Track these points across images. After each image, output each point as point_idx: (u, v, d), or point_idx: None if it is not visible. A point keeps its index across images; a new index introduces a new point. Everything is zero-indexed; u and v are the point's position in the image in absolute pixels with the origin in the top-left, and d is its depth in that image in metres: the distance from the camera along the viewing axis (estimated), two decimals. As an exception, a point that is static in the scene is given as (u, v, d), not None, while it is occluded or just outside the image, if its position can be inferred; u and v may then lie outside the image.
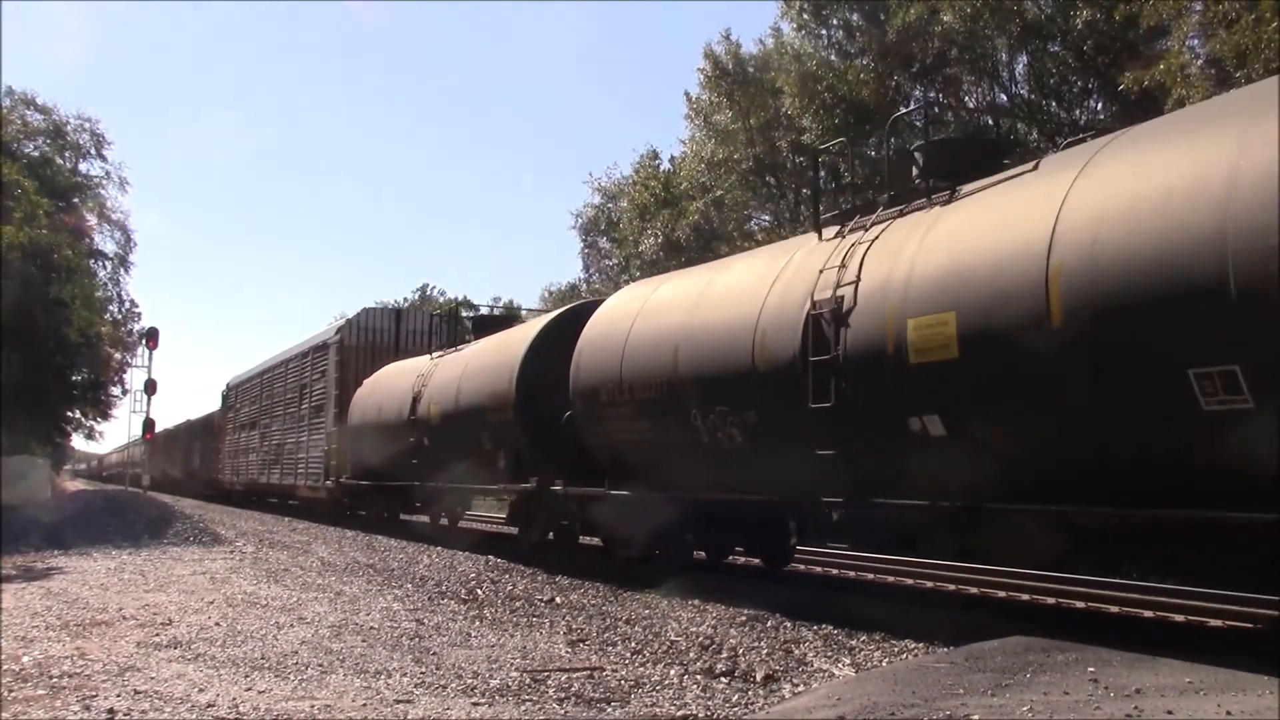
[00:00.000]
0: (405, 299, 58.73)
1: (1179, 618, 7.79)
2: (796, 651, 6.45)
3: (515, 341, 13.24)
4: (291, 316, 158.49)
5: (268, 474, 26.98)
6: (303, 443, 23.50)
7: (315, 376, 23.29)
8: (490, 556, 12.73)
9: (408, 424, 16.01)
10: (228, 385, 35.06)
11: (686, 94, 29.16)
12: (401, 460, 16.35)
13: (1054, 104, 22.43)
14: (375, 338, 22.31)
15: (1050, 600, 9.01)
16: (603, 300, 12.44)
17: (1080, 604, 8.74)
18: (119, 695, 5.25)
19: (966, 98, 23.74)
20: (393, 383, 17.96)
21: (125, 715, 4.88)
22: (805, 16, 24.78)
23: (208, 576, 10.99)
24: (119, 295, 36.75)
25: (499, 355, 13.47)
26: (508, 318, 18.96)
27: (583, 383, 10.98)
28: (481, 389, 13.45)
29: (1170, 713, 4.16)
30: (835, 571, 11.70)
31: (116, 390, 36.78)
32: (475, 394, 13.67)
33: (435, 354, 17.11)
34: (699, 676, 5.72)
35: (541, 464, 12.12)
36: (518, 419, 12.33)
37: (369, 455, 18.35)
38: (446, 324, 20.43)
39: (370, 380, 19.54)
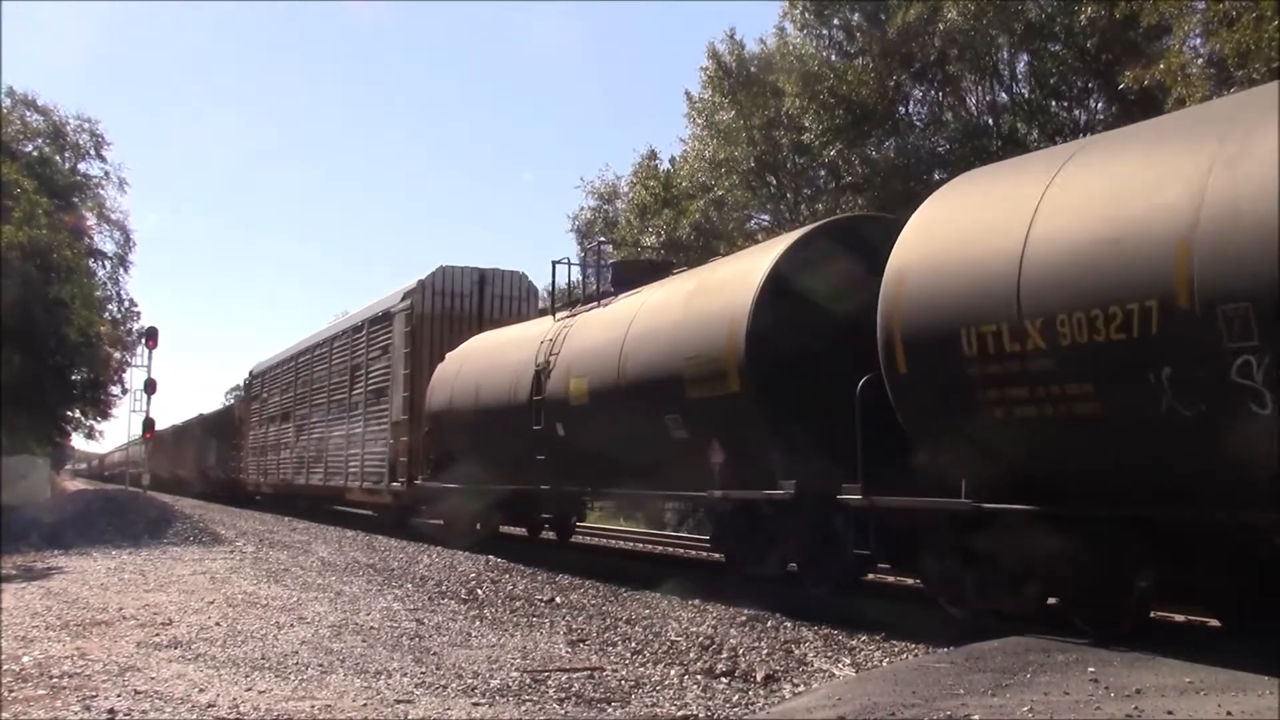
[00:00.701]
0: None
1: (1179, 618, 7.79)
2: (796, 651, 6.45)
3: (735, 280, 9.11)
4: (291, 316, 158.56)
5: (306, 474, 22.85)
6: (356, 436, 19.29)
7: (374, 354, 18.92)
8: (490, 556, 12.73)
9: (527, 407, 12.06)
10: (251, 373, 31.28)
11: (687, 93, 29.16)
12: (518, 456, 12.47)
13: (1054, 103, 22.45)
14: (455, 304, 17.65)
15: (1050, 600, 8.98)
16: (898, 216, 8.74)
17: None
18: (119, 695, 5.25)
19: (967, 97, 23.76)
20: (496, 356, 13.80)
21: (125, 715, 4.88)
22: (808, 16, 24.82)
23: (208, 576, 10.99)
24: (118, 295, 36.62)
25: (704, 301, 9.38)
26: (665, 264, 14.05)
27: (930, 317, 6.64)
28: (671, 352, 9.43)
29: (1170, 713, 4.16)
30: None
31: (116, 390, 36.69)
32: (657, 360, 9.65)
33: (561, 314, 13.32)
34: (699, 676, 5.72)
35: (792, 457, 8.18)
36: (748, 392, 8.38)
37: (465, 450, 14.53)
38: (597, 271, 13.89)
39: (457, 354, 15.28)
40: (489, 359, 14.01)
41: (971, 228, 6.68)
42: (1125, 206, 5.50)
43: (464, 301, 17.77)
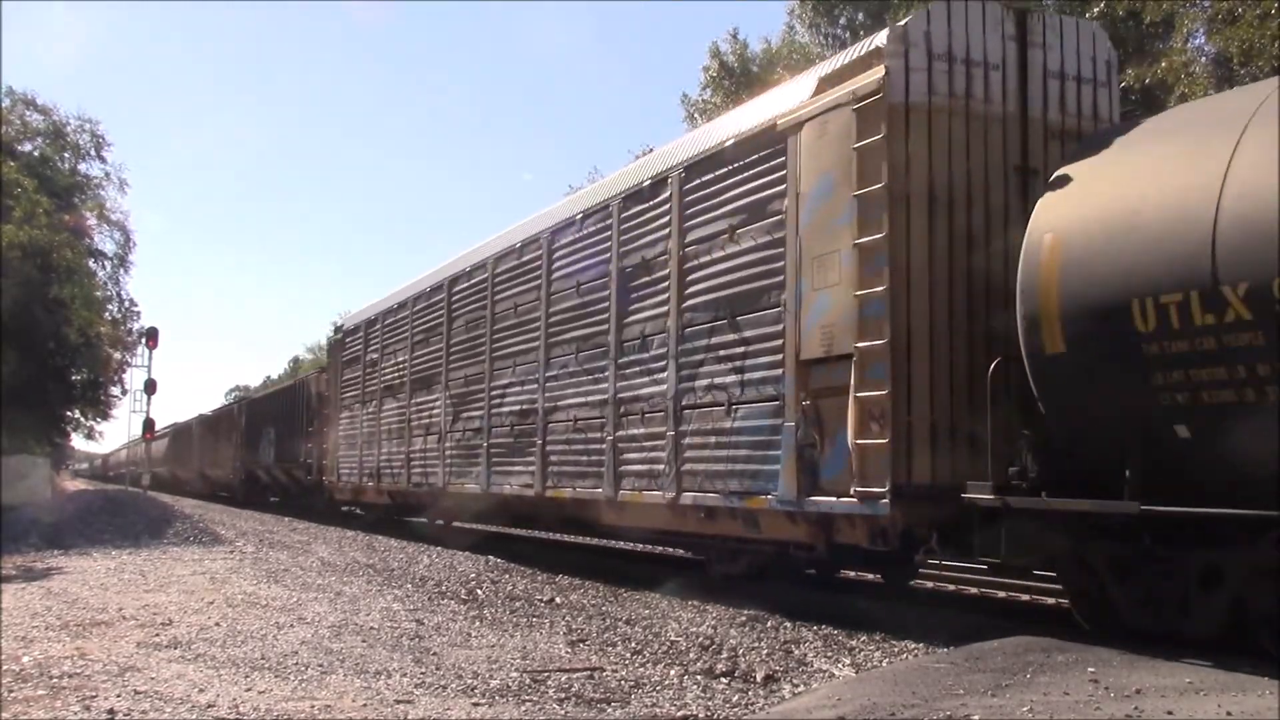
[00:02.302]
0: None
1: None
2: (796, 651, 6.45)
3: None
4: (291, 316, 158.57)
5: (486, 473, 12.90)
6: (658, 398, 9.43)
7: (714, 225, 8.89)
8: (490, 556, 12.73)
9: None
10: (340, 330, 21.31)
11: (684, 95, 29.19)
12: None
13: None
14: (972, 85, 7.43)
15: (1050, 600, 9.00)
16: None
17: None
18: (119, 695, 5.25)
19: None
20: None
21: (125, 715, 4.88)
22: (818, 16, 24.88)
23: (208, 576, 10.99)
24: (119, 295, 36.61)
25: None
26: None
27: None
28: None
29: (1170, 713, 4.16)
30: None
31: (116, 390, 36.69)
32: None
33: None
34: (699, 677, 5.72)
35: None
36: None
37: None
38: None
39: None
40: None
41: (1143, 183, 5.72)
42: None
43: (987, 79, 7.52)
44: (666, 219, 9.50)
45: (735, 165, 8.61)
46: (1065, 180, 6.21)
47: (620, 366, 9.99)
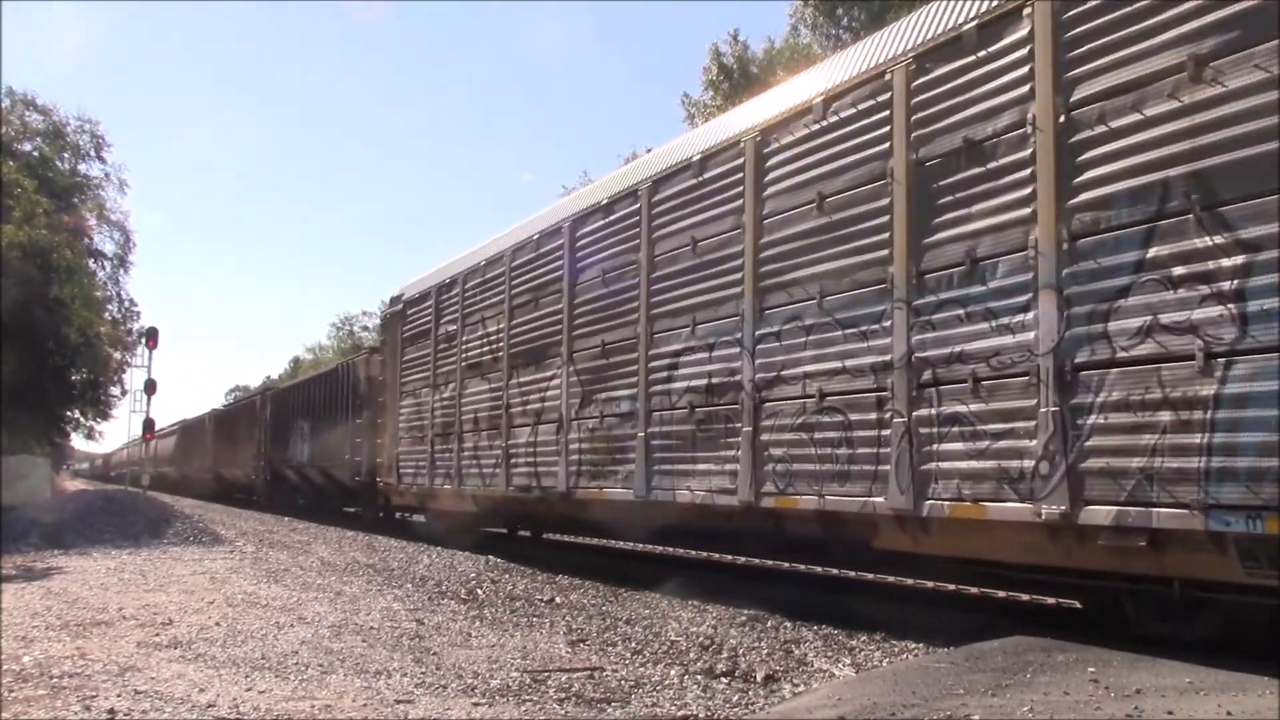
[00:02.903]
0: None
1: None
2: (796, 651, 6.45)
3: None
4: (291, 316, 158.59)
5: (672, 480, 9.16)
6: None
7: None
8: (490, 556, 12.73)
9: None
10: (399, 300, 16.75)
11: (686, 95, 29.19)
12: None
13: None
14: None
15: (1050, 600, 9.00)
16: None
17: (1080, 604, 8.73)
18: (119, 695, 5.25)
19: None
20: None
21: (125, 715, 4.88)
22: (820, 18, 24.91)
23: (208, 576, 10.99)
24: (118, 295, 36.61)
25: None
26: None
27: None
28: None
29: (1170, 713, 4.16)
30: (836, 572, 11.69)
31: (116, 390, 36.68)
32: None
33: None
34: (699, 676, 5.72)
35: None
36: None
37: None
38: None
39: None
40: None
41: None
42: None
43: None
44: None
45: None
46: None
47: (919, 311, 6.75)
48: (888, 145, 7.09)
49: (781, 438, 7.88)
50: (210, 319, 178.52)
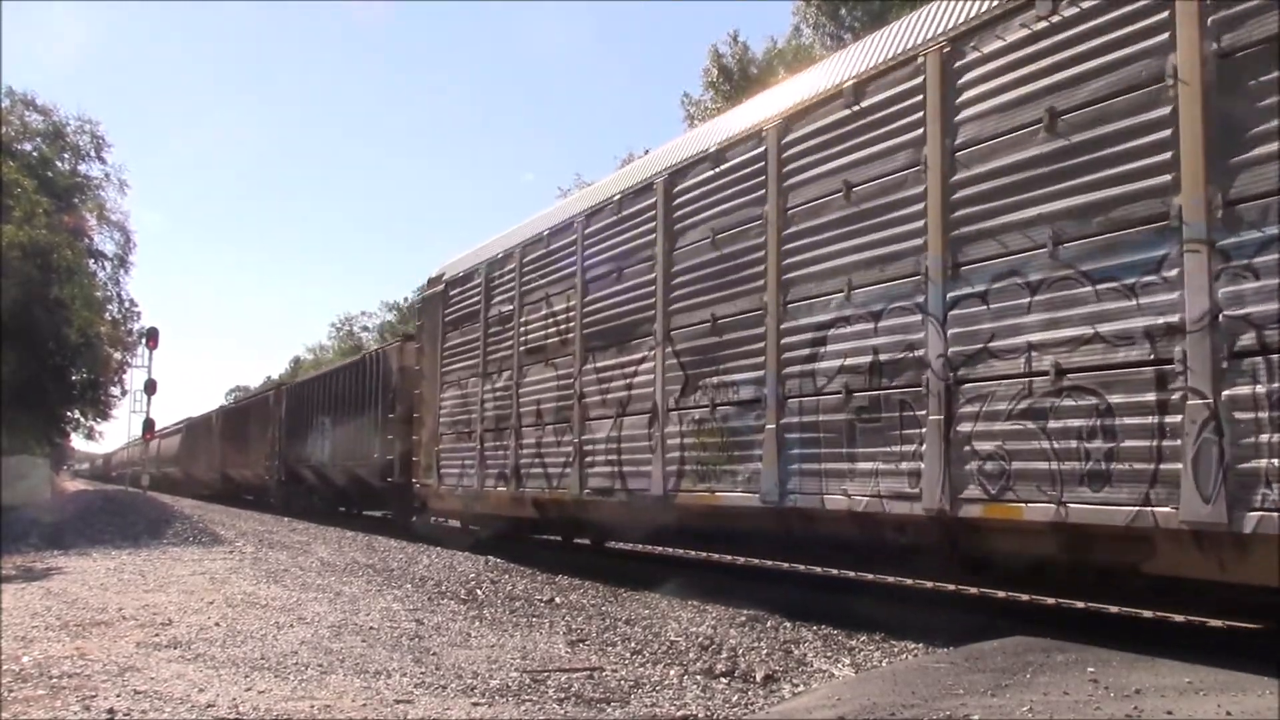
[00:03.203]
0: (406, 299, 58.27)
1: (1179, 618, 7.78)
2: (796, 651, 6.45)
3: None
4: (291, 316, 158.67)
5: (816, 481, 7.45)
6: None
7: None
8: (490, 556, 12.72)
9: None
10: (440, 280, 14.81)
11: (686, 95, 29.21)
12: None
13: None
14: None
15: (1050, 600, 9.00)
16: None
17: (1080, 604, 8.74)
18: (119, 695, 5.25)
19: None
20: None
21: (125, 715, 4.88)
22: (823, 18, 24.95)
23: (207, 576, 10.99)
24: (119, 295, 36.65)
25: None
26: None
27: None
28: None
29: (1170, 713, 4.16)
30: (835, 572, 11.70)
31: (116, 390, 36.70)
32: None
33: None
34: (699, 676, 5.72)
35: None
36: None
37: None
38: None
39: None
40: None
41: None
42: None
43: None
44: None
45: None
46: None
47: (1228, 255, 5.01)
48: (1167, 36, 5.34)
49: (992, 428, 6.09)
50: (210, 319, 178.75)
